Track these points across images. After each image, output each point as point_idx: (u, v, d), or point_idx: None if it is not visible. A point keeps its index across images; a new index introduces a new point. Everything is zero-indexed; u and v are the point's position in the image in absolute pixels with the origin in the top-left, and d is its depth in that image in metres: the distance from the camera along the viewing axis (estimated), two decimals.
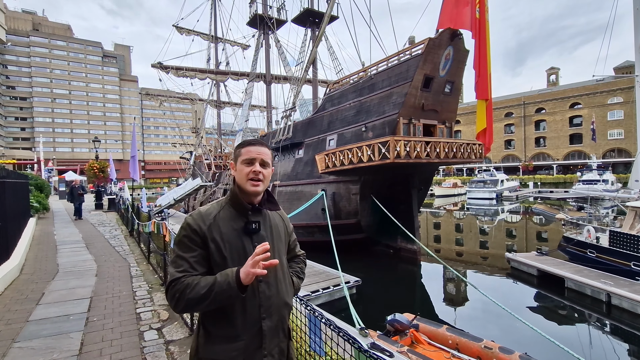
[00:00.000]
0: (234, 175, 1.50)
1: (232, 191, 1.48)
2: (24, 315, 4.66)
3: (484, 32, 8.61)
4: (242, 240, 1.40)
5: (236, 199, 1.47)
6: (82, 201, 15.51)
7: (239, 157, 1.48)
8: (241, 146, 1.50)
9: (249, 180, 1.43)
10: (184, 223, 1.40)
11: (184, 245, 1.36)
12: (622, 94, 50.81)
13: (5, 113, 76.87)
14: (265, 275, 1.30)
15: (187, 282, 1.28)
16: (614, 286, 9.10)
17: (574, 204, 28.05)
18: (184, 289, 1.27)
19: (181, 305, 1.28)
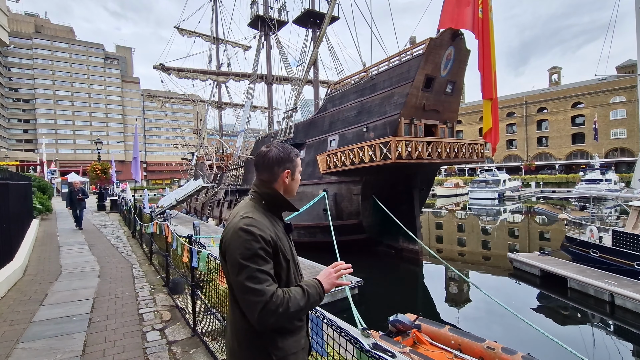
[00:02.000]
0: (287, 182, 1.48)
1: (276, 196, 1.46)
2: (28, 316, 4.69)
3: (487, 31, 8.59)
4: (288, 242, 1.46)
5: (283, 204, 1.48)
6: (83, 207, 13.06)
7: (297, 167, 1.51)
8: (297, 155, 1.52)
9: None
10: (253, 234, 1.27)
11: (260, 258, 1.27)
12: (624, 93, 50.61)
13: (8, 115, 77.27)
14: (300, 269, 1.49)
15: (284, 296, 1.25)
16: (617, 286, 9.06)
17: (576, 203, 27.94)
18: (286, 303, 1.24)
19: (282, 319, 1.24)
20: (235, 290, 1.31)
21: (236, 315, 1.38)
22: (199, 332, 4.03)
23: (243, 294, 1.24)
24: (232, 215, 1.40)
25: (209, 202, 29.37)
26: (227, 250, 1.30)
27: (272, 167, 1.44)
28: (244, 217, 1.32)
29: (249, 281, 1.22)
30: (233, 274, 1.27)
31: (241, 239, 1.26)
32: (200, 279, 4.69)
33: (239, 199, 23.36)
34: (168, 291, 5.67)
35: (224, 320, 3.89)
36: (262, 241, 1.27)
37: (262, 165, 1.46)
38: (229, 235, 1.31)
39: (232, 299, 1.40)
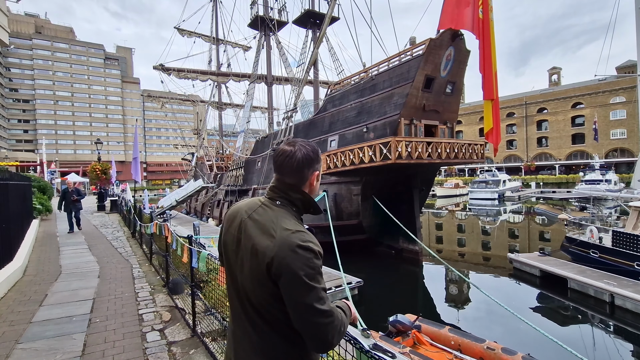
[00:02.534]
0: (315, 185, 1.36)
1: (307, 201, 1.33)
2: (27, 316, 4.68)
3: (488, 32, 8.60)
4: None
5: (314, 209, 1.35)
6: (78, 209, 11.93)
7: (320, 166, 1.38)
8: (320, 153, 1.39)
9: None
10: (314, 251, 1.16)
11: (321, 275, 1.17)
12: (624, 93, 50.63)
13: (8, 115, 77.31)
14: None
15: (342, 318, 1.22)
16: (617, 287, 9.06)
17: (576, 204, 27.95)
18: (342, 321, 1.21)
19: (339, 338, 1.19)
20: (300, 316, 1.13)
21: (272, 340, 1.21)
22: (199, 332, 4.03)
23: (312, 317, 1.11)
24: (268, 228, 1.21)
25: (209, 202, 29.37)
26: (285, 271, 1.12)
27: (302, 169, 1.30)
28: (295, 232, 1.17)
29: (318, 303, 1.12)
30: (297, 297, 1.12)
31: (303, 258, 1.12)
32: (200, 279, 4.69)
33: (239, 199, 23.35)
34: (168, 292, 5.67)
35: (224, 320, 3.88)
36: (321, 257, 1.18)
37: (288, 167, 1.30)
38: (283, 255, 1.13)
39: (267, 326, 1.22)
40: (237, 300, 1.29)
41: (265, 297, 1.18)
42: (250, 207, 1.32)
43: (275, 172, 1.34)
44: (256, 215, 1.27)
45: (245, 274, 1.23)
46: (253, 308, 1.22)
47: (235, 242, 1.28)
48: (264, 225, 1.23)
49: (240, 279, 1.25)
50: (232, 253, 1.30)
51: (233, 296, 1.32)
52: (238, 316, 1.29)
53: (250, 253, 1.20)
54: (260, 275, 1.17)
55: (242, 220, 1.28)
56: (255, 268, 1.18)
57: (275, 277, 1.14)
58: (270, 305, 1.18)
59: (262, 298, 1.19)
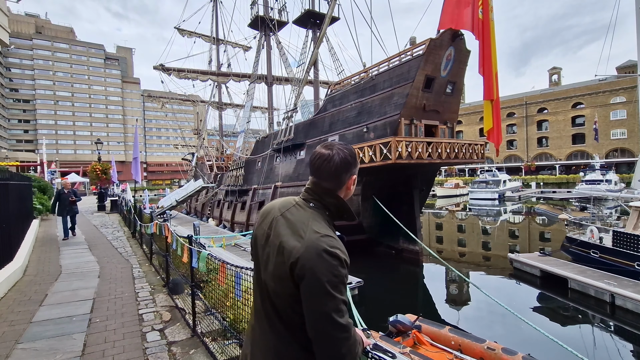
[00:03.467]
0: (351, 190, 1.33)
1: (341, 206, 1.31)
2: (27, 316, 4.68)
3: (487, 32, 8.60)
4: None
5: (348, 213, 1.33)
6: (75, 212, 10.91)
7: (357, 171, 1.35)
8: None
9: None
10: (340, 259, 1.12)
11: (344, 286, 1.12)
12: (624, 93, 50.62)
13: (9, 115, 77.38)
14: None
15: (358, 340, 1.17)
16: (617, 287, 9.05)
17: (577, 204, 27.95)
18: (358, 349, 1.16)
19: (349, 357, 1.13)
20: (315, 324, 1.09)
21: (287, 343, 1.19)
22: (199, 332, 4.03)
23: (326, 327, 1.07)
24: (298, 229, 1.19)
25: (209, 202, 29.37)
26: (308, 274, 1.08)
27: (340, 174, 1.27)
28: (324, 236, 1.15)
29: (336, 314, 1.07)
30: (315, 303, 1.08)
31: (327, 264, 1.09)
32: (200, 279, 4.69)
33: (239, 199, 23.34)
34: (168, 291, 5.66)
35: (224, 320, 3.89)
36: (347, 266, 1.13)
37: (326, 171, 1.26)
38: (309, 257, 1.09)
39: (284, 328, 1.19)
40: (259, 296, 1.27)
41: (285, 297, 1.16)
42: (284, 205, 1.31)
43: (312, 175, 1.31)
44: (288, 214, 1.26)
45: (269, 271, 1.21)
46: (273, 307, 1.21)
47: (265, 238, 1.27)
48: (294, 225, 1.21)
49: (264, 276, 1.24)
50: (260, 248, 1.29)
51: (256, 292, 1.31)
52: (258, 313, 1.28)
53: (277, 251, 1.19)
54: (283, 274, 1.15)
55: (275, 217, 1.27)
56: (279, 266, 1.17)
57: (297, 279, 1.11)
58: (289, 307, 1.16)
59: (282, 298, 1.17)
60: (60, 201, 10.61)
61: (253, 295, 1.36)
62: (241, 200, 23.08)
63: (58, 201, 10.67)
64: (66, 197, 10.63)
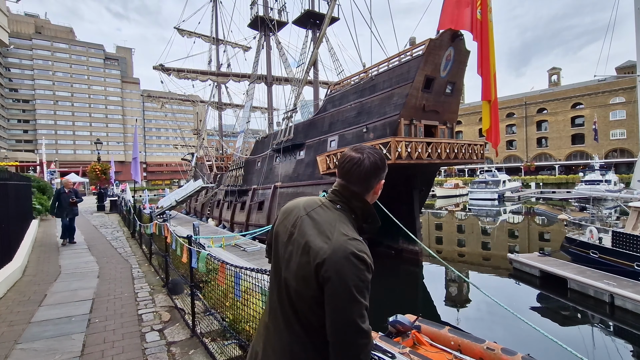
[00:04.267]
0: (378, 194, 1.32)
1: (368, 211, 1.29)
2: (27, 316, 4.68)
3: (486, 32, 8.61)
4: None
5: (373, 217, 1.31)
6: (75, 214, 10.01)
7: (385, 175, 1.32)
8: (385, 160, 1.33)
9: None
10: (367, 263, 1.10)
11: (368, 291, 1.10)
12: (624, 94, 50.66)
13: (8, 115, 77.29)
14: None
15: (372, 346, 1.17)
16: (617, 287, 9.05)
17: (576, 204, 27.97)
18: (370, 352, 1.13)
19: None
20: (338, 328, 1.07)
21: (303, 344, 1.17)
22: (198, 332, 4.02)
23: (349, 332, 1.06)
24: (325, 230, 1.17)
25: (209, 202, 29.36)
26: (335, 276, 1.06)
27: (369, 178, 1.25)
28: (352, 239, 1.12)
29: (359, 319, 1.05)
30: (340, 308, 1.06)
31: (355, 268, 1.07)
32: (200, 279, 4.69)
33: (238, 199, 23.34)
34: (167, 292, 5.66)
35: (223, 320, 3.88)
36: (372, 271, 1.11)
37: (356, 175, 1.25)
38: (336, 260, 1.07)
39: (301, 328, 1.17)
40: (277, 294, 1.25)
41: (307, 298, 1.14)
42: (310, 204, 1.30)
43: (341, 177, 1.30)
44: (315, 214, 1.24)
45: (291, 270, 1.19)
46: (291, 306, 1.18)
47: (287, 236, 1.25)
48: (321, 225, 1.19)
49: (285, 274, 1.21)
50: (281, 246, 1.27)
51: (273, 289, 1.28)
52: (274, 311, 1.26)
53: (302, 250, 1.16)
54: (307, 274, 1.12)
55: (300, 216, 1.25)
56: (303, 266, 1.14)
57: (322, 280, 1.09)
58: (309, 308, 1.14)
59: (304, 299, 1.15)
60: (59, 202, 9.79)
61: (269, 293, 1.34)
62: (241, 200, 23.07)
63: (57, 201, 9.85)
64: (66, 198, 9.79)
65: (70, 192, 9.98)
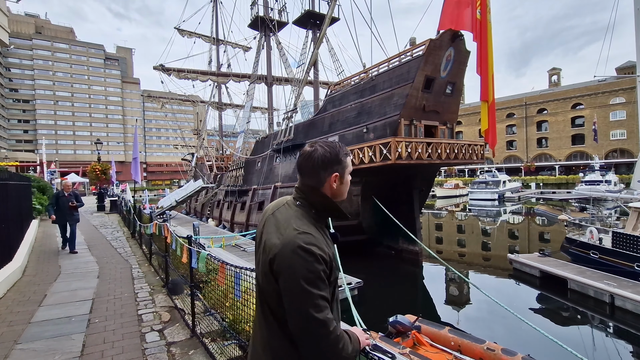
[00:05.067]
0: (337, 188, 1.32)
1: (327, 204, 1.31)
2: (26, 317, 4.67)
3: (485, 33, 8.61)
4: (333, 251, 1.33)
5: (336, 212, 1.33)
6: (76, 219, 8.94)
7: (346, 167, 1.32)
8: (347, 154, 1.33)
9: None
10: (315, 255, 1.12)
11: (322, 281, 1.12)
12: (624, 94, 50.65)
13: (8, 115, 77.29)
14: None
15: (345, 339, 1.18)
16: (617, 287, 9.05)
17: (576, 204, 27.97)
18: (344, 345, 1.16)
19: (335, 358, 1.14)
20: (293, 319, 1.13)
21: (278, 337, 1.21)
22: (198, 333, 4.02)
23: (305, 323, 1.10)
24: (281, 227, 1.22)
25: (209, 202, 29.35)
26: (284, 272, 1.12)
27: (319, 171, 1.27)
28: (302, 233, 1.16)
29: (313, 309, 1.08)
30: (293, 301, 1.11)
31: (302, 260, 1.10)
32: (200, 279, 4.68)
33: (239, 199, 23.33)
34: (167, 292, 5.66)
35: (223, 321, 3.88)
36: (323, 262, 1.13)
37: (306, 168, 1.29)
38: (285, 254, 1.13)
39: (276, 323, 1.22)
40: (257, 294, 1.34)
41: (271, 293, 1.20)
42: (276, 205, 1.36)
43: (298, 173, 1.36)
44: (278, 213, 1.30)
45: (259, 269, 1.28)
46: (265, 303, 1.26)
47: (259, 237, 1.34)
48: (279, 223, 1.25)
49: (257, 273, 1.32)
50: (257, 247, 1.36)
51: (257, 289, 1.37)
52: (257, 309, 1.35)
53: (263, 248, 1.25)
54: (266, 270, 1.20)
55: (267, 217, 1.34)
56: (264, 263, 1.22)
57: (276, 275, 1.16)
58: (276, 303, 1.20)
59: (270, 294, 1.22)
60: (58, 205, 8.82)
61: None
62: (241, 200, 23.07)
63: (56, 205, 8.84)
64: (66, 201, 8.82)
65: (70, 195, 9.03)
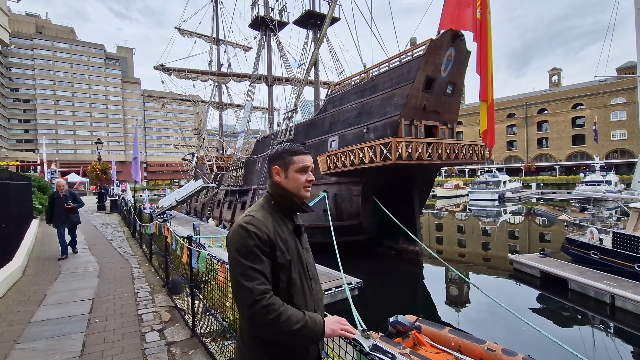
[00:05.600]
0: (283, 182, 1.47)
1: (281, 196, 1.48)
2: (26, 316, 4.67)
3: (485, 33, 8.60)
4: (295, 243, 1.45)
5: (288, 204, 1.48)
6: (74, 222, 8.42)
7: (291, 164, 1.46)
8: (294, 154, 1.47)
9: (304, 187, 1.48)
10: (249, 231, 1.29)
11: (254, 255, 1.28)
12: (625, 94, 50.60)
13: (9, 115, 77.33)
14: (313, 274, 1.51)
15: (282, 309, 1.24)
16: (617, 288, 9.04)
17: (577, 205, 27.96)
18: (279, 315, 1.23)
19: (268, 330, 1.24)
20: (232, 288, 1.33)
21: (242, 325, 1.41)
22: (198, 332, 4.02)
23: (235, 288, 1.28)
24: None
25: (209, 202, 29.36)
26: (228, 247, 1.35)
27: (268, 166, 1.51)
28: (246, 215, 1.38)
29: (241, 277, 1.25)
30: (230, 271, 1.32)
31: (238, 235, 1.31)
32: (200, 279, 4.68)
33: (239, 199, 23.35)
34: (167, 292, 5.65)
35: (223, 321, 3.88)
36: (257, 239, 1.29)
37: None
38: (229, 233, 1.37)
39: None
40: None
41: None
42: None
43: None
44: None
45: None
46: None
47: None
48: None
49: None
50: None
51: None
52: None
53: None
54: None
55: None
56: None
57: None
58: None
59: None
60: (54, 208, 8.16)
61: None
62: (241, 200, 23.07)
63: (51, 207, 8.26)
64: (61, 203, 8.06)
65: (66, 197, 8.19)
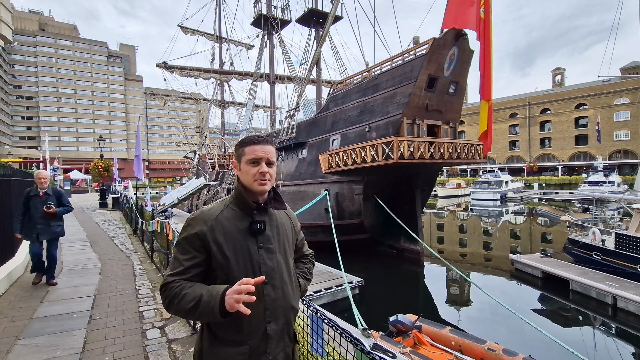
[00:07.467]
0: (240, 175, 1.42)
1: (237, 190, 1.42)
2: (28, 312, 4.70)
3: (488, 32, 8.58)
4: (247, 241, 1.35)
5: (241, 199, 1.40)
6: (55, 235, 5.61)
7: (242, 156, 1.39)
8: (244, 144, 1.40)
9: (255, 180, 1.38)
10: (185, 224, 1.37)
11: (181, 247, 1.34)
12: (628, 94, 50.31)
13: (12, 112, 77.62)
14: (271, 278, 1.35)
15: (176, 290, 1.26)
16: (619, 289, 9.01)
17: (579, 205, 27.88)
18: (173, 297, 1.26)
19: (171, 311, 1.30)
20: None
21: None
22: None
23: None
24: None
25: (211, 200, 29.41)
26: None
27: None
28: (199, 210, 1.42)
29: (170, 267, 1.35)
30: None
31: (182, 228, 1.40)
32: None
33: None
34: None
35: None
36: (189, 231, 1.34)
37: None
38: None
39: None
40: None
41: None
42: None
43: None
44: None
45: None
46: None
47: None
48: None
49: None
50: None
51: None
52: None
53: None
54: None
55: None
56: None
57: None
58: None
59: None
60: (29, 210, 5.47)
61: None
62: None
63: (24, 209, 5.48)
64: (39, 204, 5.45)
65: (48, 195, 5.56)
